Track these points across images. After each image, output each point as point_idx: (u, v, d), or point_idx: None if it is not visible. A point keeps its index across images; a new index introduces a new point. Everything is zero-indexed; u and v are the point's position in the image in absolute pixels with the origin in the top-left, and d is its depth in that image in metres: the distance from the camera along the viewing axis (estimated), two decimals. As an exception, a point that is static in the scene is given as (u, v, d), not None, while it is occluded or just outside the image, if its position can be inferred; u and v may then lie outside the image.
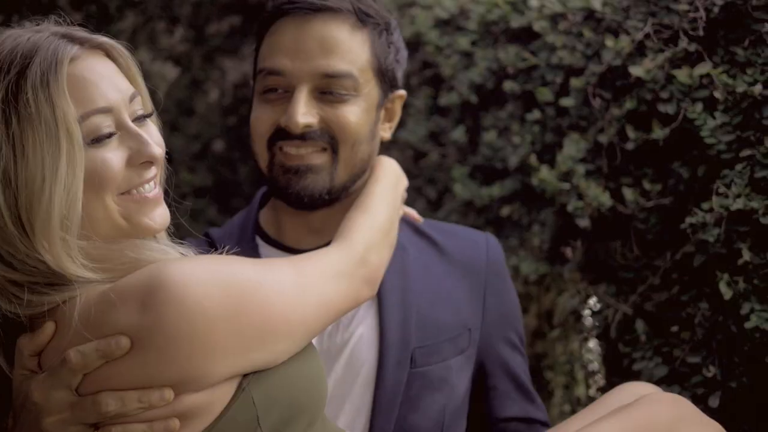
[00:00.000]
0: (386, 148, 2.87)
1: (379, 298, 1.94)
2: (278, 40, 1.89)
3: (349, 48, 1.90)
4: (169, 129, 3.24)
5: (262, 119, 1.91)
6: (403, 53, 2.05)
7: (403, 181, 2.06)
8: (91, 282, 1.48)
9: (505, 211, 2.55)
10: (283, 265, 1.58)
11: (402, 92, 2.06)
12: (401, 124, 2.83)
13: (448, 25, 2.74)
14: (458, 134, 2.64)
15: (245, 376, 1.49)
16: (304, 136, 1.89)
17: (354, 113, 1.91)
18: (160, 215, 1.58)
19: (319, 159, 1.91)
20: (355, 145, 1.93)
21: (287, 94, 1.89)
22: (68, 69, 1.49)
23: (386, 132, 2.06)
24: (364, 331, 1.93)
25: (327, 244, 1.88)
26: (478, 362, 2.02)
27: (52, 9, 2.92)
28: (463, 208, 2.65)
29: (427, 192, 2.77)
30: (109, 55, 1.58)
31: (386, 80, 1.98)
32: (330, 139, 1.91)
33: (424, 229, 2.07)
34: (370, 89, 1.94)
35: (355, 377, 1.90)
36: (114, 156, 1.51)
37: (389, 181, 2.01)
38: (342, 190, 1.95)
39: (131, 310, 1.42)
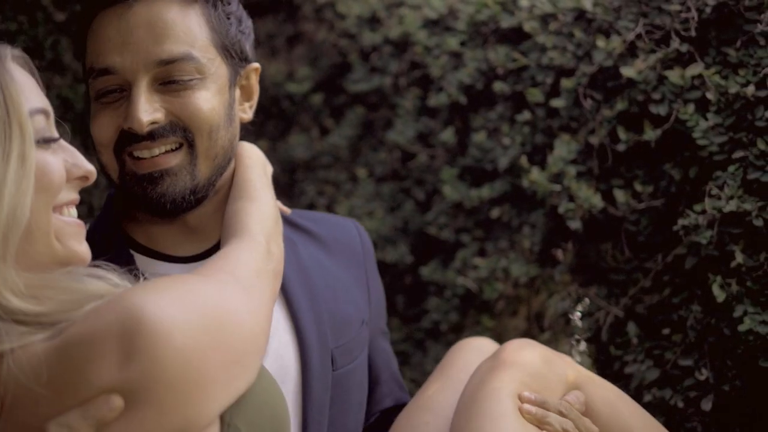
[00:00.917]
0: (373, 148, 2.85)
1: (286, 297, 1.81)
2: (102, 36, 1.72)
3: (182, 28, 1.72)
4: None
5: (102, 126, 1.73)
6: (248, 22, 1.87)
7: (269, 167, 1.92)
8: (20, 326, 1.23)
9: (495, 212, 2.53)
10: (220, 277, 1.42)
11: (256, 65, 1.89)
12: (389, 125, 2.81)
13: (436, 25, 2.72)
14: (447, 135, 2.62)
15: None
16: (152, 135, 1.70)
17: (204, 98, 1.73)
18: (87, 246, 1.43)
19: (174, 160, 1.73)
20: (213, 133, 1.74)
21: (125, 93, 1.72)
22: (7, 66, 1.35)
23: (246, 113, 1.87)
24: (282, 335, 1.79)
25: (216, 246, 1.79)
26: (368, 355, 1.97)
27: (36, 8, 2.90)
28: (452, 210, 2.63)
29: (415, 193, 2.75)
30: (29, 67, 1.45)
31: (234, 55, 1.80)
32: (183, 132, 1.72)
33: (296, 220, 1.95)
34: (217, 68, 1.76)
35: (283, 385, 1.71)
36: (58, 162, 1.38)
37: (260, 166, 1.86)
38: (208, 186, 1.78)
39: (110, 362, 1.19)
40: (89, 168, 1.41)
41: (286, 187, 3.12)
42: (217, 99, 1.75)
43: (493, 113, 2.53)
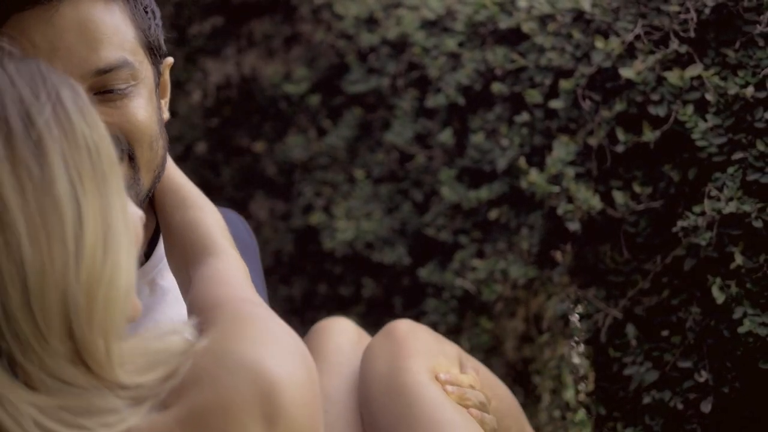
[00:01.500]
0: (371, 149, 2.84)
1: None
2: (24, 43, 1.45)
3: (112, 29, 1.52)
4: (150, 131, 3.19)
5: None
6: (158, 12, 1.70)
7: None
8: (125, 401, 1.14)
9: (493, 214, 2.52)
10: (253, 309, 1.32)
11: (170, 59, 1.75)
12: (387, 126, 2.80)
13: (434, 26, 2.71)
14: (445, 136, 2.61)
15: None
16: None
17: (141, 107, 1.56)
18: None
19: None
20: (153, 143, 1.60)
21: None
22: None
23: (165, 112, 1.73)
24: None
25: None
26: None
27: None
28: (450, 211, 2.63)
29: (413, 194, 2.74)
30: None
31: (156, 54, 1.64)
32: (123, 145, 1.55)
33: None
34: (146, 71, 1.60)
35: None
36: (135, 208, 1.26)
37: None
38: (147, 198, 1.64)
39: (255, 429, 1.14)
40: (142, 213, 1.28)
41: (283, 189, 3.12)
42: (151, 106, 1.60)
43: (492, 114, 2.52)
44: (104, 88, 1.52)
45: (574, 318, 2.38)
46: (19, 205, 1.07)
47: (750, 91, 2.01)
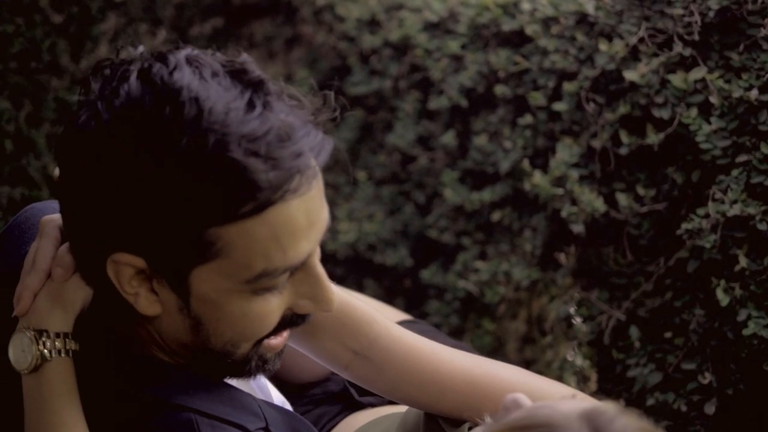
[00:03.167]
0: (373, 151, 2.84)
1: None
2: (289, 228, 1.24)
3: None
4: (151, 132, 3.19)
5: (272, 314, 1.31)
6: None
7: None
8: None
9: (496, 216, 2.52)
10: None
11: None
12: (389, 128, 2.80)
13: (437, 28, 2.71)
14: (448, 138, 2.62)
15: None
16: None
17: None
18: None
19: None
20: None
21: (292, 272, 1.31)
22: None
23: None
24: None
25: None
26: None
27: (33, 10, 2.89)
28: (452, 213, 2.63)
29: (415, 196, 2.75)
30: None
31: None
32: None
33: None
34: None
35: None
36: None
37: None
38: None
39: None
40: None
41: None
42: None
43: (494, 116, 2.53)
44: None
45: (577, 320, 2.39)
46: None
47: (754, 94, 2.02)
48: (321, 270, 1.32)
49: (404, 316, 2.26)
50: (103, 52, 3.20)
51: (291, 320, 1.35)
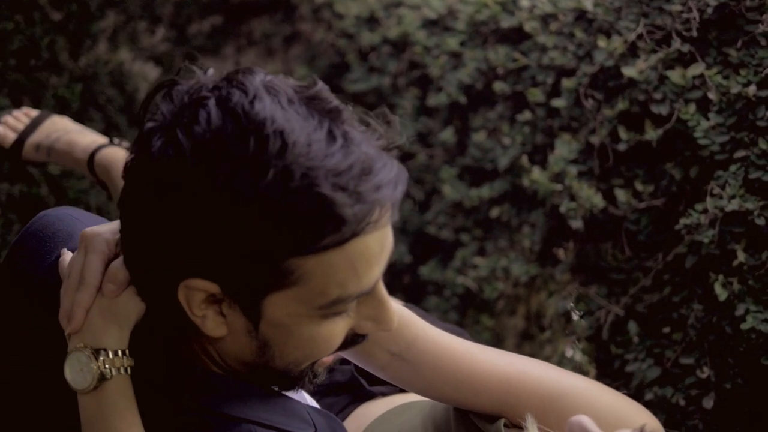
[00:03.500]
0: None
1: None
2: (366, 257, 1.26)
3: None
4: (150, 129, 3.20)
5: (338, 336, 1.34)
6: None
7: None
8: None
9: (495, 212, 2.54)
10: None
11: None
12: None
13: (436, 25, 2.72)
14: (447, 135, 2.63)
15: None
16: None
17: None
18: None
19: None
20: None
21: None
22: None
23: None
24: None
25: None
26: None
27: (32, 8, 2.89)
28: (451, 210, 2.64)
29: (414, 193, 2.76)
30: None
31: None
32: None
33: None
34: None
35: None
36: None
37: None
38: None
39: None
40: None
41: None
42: None
43: (493, 113, 2.54)
44: None
45: (576, 316, 2.40)
46: None
47: (752, 89, 2.03)
48: (385, 292, 1.33)
49: None
50: (102, 49, 3.21)
51: (351, 340, 1.36)
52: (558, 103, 2.34)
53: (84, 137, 2.26)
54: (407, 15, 2.75)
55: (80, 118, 3.05)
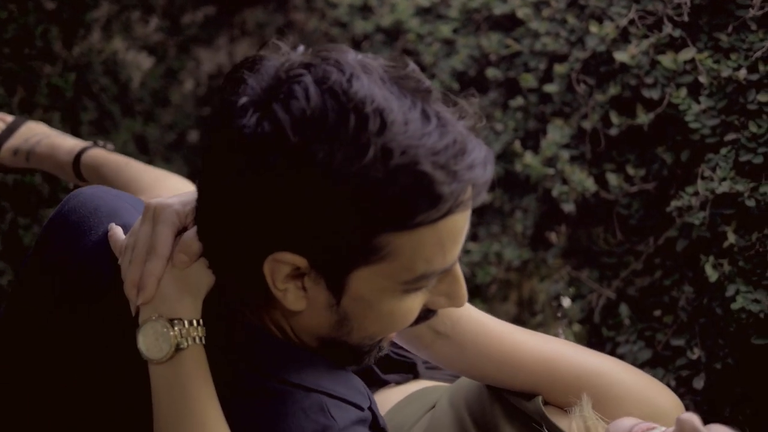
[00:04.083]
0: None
1: None
2: (453, 234, 1.28)
3: None
4: (143, 119, 3.21)
5: (415, 311, 1.35)
6: None
7: None
8: None
9: (487, 197, 2.55)
10: None
11: None
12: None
13: (428, 13, 2.74)
14: (439, 122, 2.64)
15: None
16: None
17: None
18: None
19: None
20: None
21: None
22: None
23: None
24: None
25: None
26: None
27: (27, -4, 2.90)
28: (444, 196, 2.65)
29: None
30: None
31: None
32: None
33: None
34: None
35: None
36: None
37: None
38: None
39: None
40: None
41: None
42: None
43: (486, 99, 2.55)
44: None
45: (566, 302, 2.42)
46: None
47: (742, 73, 2.05)
48: (459, 269, 1.35)
49: None
50: (96, 38, 3.22)
51: (423, 315, 1.37)
52: (550, 88, 2.36)
53: (66, 140, 2.25)
54: (400, 3, 2.77)
55: (73, 106, 3.06)
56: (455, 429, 1.60)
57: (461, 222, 1.26)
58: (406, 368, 1.88)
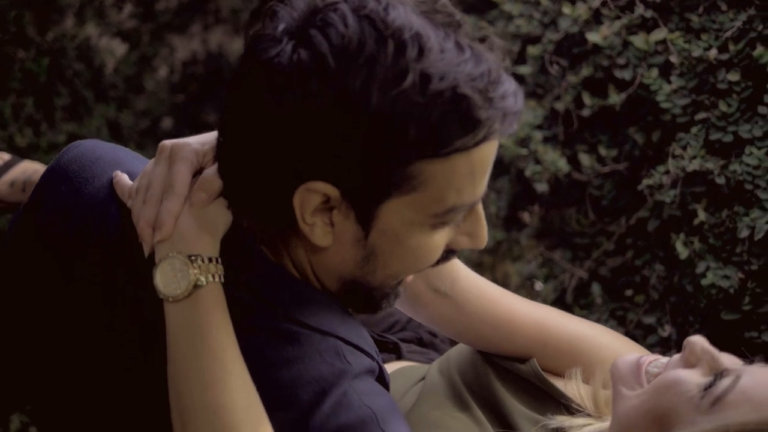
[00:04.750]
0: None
1: None
2: (482, 167, 1.27)
3: None
4: (117, 106, 3.20)
5: (440, 248, 1.33)
6: None
7: None
8: None
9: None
10: None
11: None
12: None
13: (403, -3, 2.75)
14: (414, 105, 2.65)
15: None
16: None
17: None
18: None
19: None
20: None
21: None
22: None
23: None
24: None
25: None
26: None
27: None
28: (418, 179, 2.67)
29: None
30: None
31: None
32: None
33: None
34: None
35: None
36: None
37: None
38: None
39: None
40: None
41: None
42: None
43: (460, 82, 2.57)
44: None
45: (538, 286, 2.44)
46: None
47: (713, 53, 2.08)
48: (482, 209, 1.35)
49: None
50: (69, 24, 3.21)
51: (445, 256, 1.36)
52: (523, 70, 2.38)
53: None
54: (375, -12, 2.78)
55: (47, 91, 3.05)
56: (448, 394, 1.61)
57: (491, 152, 1.26)
58: (388, 349, 1.89)
